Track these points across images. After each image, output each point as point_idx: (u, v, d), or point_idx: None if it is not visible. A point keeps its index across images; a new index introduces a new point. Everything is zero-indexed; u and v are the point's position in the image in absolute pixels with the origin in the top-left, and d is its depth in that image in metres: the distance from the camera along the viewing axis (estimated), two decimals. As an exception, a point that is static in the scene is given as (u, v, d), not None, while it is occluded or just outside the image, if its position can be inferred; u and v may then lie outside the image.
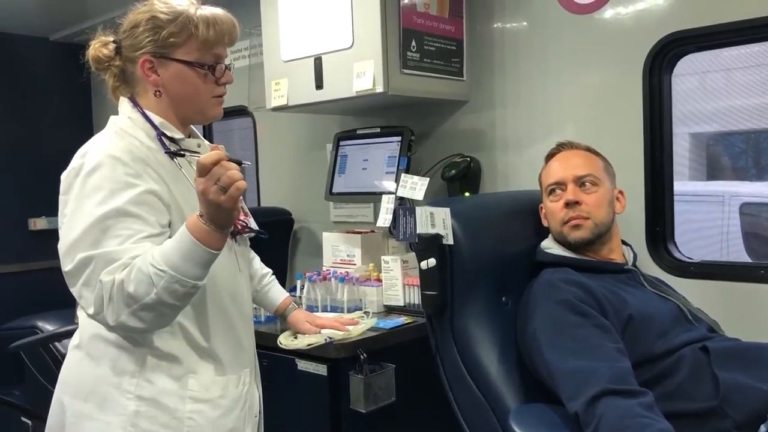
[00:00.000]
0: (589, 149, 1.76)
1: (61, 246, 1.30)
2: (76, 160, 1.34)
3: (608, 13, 2.02)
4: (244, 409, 1.50)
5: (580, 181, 1.68)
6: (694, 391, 1.42)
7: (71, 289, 1.30)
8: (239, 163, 1.22)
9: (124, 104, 1.44)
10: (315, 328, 1.79)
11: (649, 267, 1.88)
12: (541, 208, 1.77)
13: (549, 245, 1.71)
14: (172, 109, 1.42)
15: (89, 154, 1.33)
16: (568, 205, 1.66)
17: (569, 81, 2.11)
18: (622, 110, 1.99)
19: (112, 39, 1.44)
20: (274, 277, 1.82)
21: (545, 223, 1.75)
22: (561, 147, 1.77)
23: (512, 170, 2.27)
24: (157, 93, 1.40)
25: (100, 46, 1.43)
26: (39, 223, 3.76)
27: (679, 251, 1.96)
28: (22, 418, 3.07)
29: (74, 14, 3.58)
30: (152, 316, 1.25)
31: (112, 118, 1.44)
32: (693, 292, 1.74)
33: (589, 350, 1.40)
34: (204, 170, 1.18)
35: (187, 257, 1.22)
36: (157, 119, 1.41)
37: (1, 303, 3.53)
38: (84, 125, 4.02)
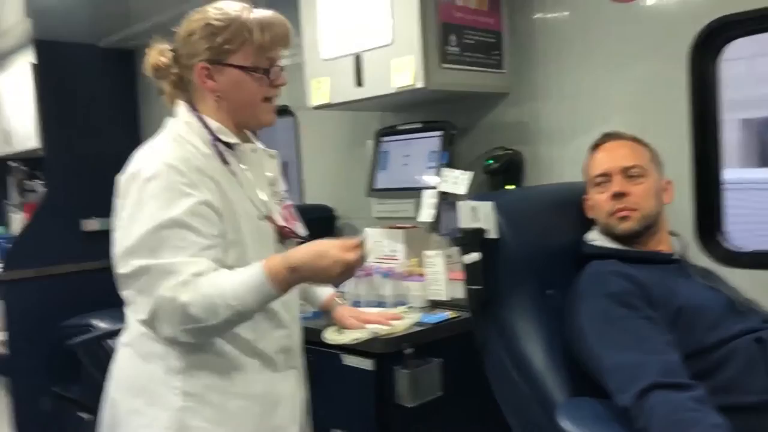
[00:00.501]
0: (635, 139, 1.72)
1: (117, 250, 1.34)
2: (134, 164, 1.38)
3: (651, 0, 1.98)
4: (290, 408, 1.52)
5: (627, 172, 1.65)
6: (748, 383, 1.38)
7: (123, 292, 1.35)
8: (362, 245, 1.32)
9: (181, 108, 1.47)
10: (360, 323, 1.81)
11: (698, 257, 1.85)
12: (586, 199, 1.74)
13: (594, 237, 1.69)
14: (230, 114, 1.45)
15: (146, 160, 1.37)
16: (615, 196, 1.63)
17: (613, 70, 2.08)
18: (667, 99, 1.95)
19: (169, 47, 1.46)
20: None
21: (590, 215, 1.73)
22: (607, 137, 1.73)
23: (555, 163, 2.24)
24: (218, 98, 1.43)
25: (158, 55, 1.46)
26: (91, 225, 3.85)
27: (730, 241, 1.91)
28: (78, 413, 3.17)
29: (121, 21, 3.68)
30: (203, 336, 1.34)
31: (171, 123, 1.47)
32: (745, 282, 1.70)
33: (637, 343, 1.38)
34: (348, 265, 1.29)
35: (260, 300, 1.30)
36: (214, 124, 1.44)
37: (58, 302, 3.64)
38: (131, 128, 4.13)
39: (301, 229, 1.57)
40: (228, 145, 1.44)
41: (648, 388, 1.28)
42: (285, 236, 1.50)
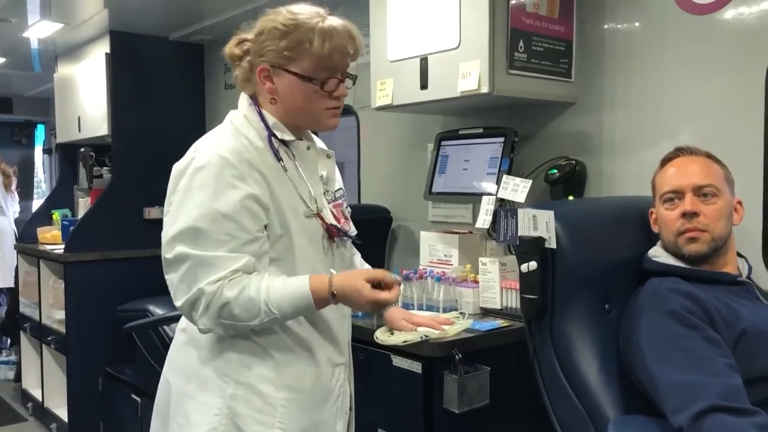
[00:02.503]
0: (709, 155, 1.64)
1: (164, 234, 1.39)
2: (189, 153, 1.42)
3: (729, 13, 1.92)
4: (337, 403, 1.54)
5: (700, 191, 1.58)
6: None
7: (166, 275, 1.39)
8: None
9: (243, 101, 1.50)
10: (411, 325, 1.80)
11: (766, 281, 1.78)
12: (651, 212, 1.70)
13: (657, 253, 1.65)
14: (286, 115, 1.47)
15: (201, 150, 1.41)
16: (685, 215, 1.57)
17: (684, 84, 2.02)
18: (741, 115, 1.89)
19: (246, 38, 1.48)
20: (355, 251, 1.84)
21: (655, 229, 1.68)
22: (680, 152, 1.66)
23: (619, 175, 2.20)
24: (272, 100, 1.46)
25: (234, 45, 1.49)
26: (153, 213, 3.97)
27: (800, 265, 1.84)
28: (132, 395, 3.26)
29: (192, 15, 3.78)
30: (235, 332, 1.40)
31: (231, 114, 1.51)
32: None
33: (696, 364, 1.34)
34: (378, 304, 1.42)
35: (298, 313, 1.40)
36: (271, 119, 1.46)
37: (118, 286, 3.77)
38: (197, 120, 4.24)
39: (351, 229, 1.58)
40: (283, 141, 1.47)
41: (706, 410, 1.25)
42: (333, 235, 1.51)
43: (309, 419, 1.48)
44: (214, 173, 1.35)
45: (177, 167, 1.43)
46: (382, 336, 1.86)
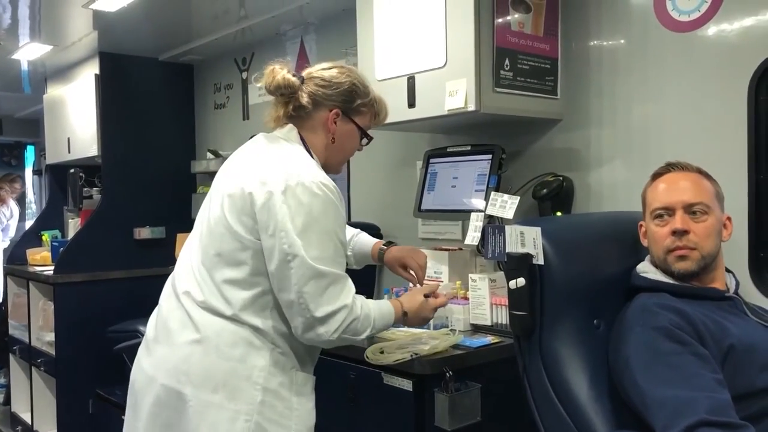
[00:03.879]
0: (700, 171, 1.64)
1: (302, 253, 1.52)
2: (279, 177, 1.54)
3: (712, 30, 1.95)
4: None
5: (690, 209, 1.57)
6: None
7: (304, 288, 1.51)
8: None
9: (293, 134, 1.69)
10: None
11: (753, 296, 1.79)
12: (641, 225, 1.69)
13: (645, 269, 1.65)
14: (329, 153, 1.71)
15: (299, 174, 1.56)
16: (675, 233, 1.57)
17: (669, 100, 2.05)
18: (725, 131, 1.91)
19: (311, 73, 1.71)
20: (358, 230, 2.04)
21: (645, 243, 1.68)
22: (671, 167, 1.65)
23: (606, 191, 2.21)
24: (332, 140, 1.70)
25: (289, 76, 1.66)
26: (143, 233, 3.95)
27: (787, 279, 1.85)
28: (123, 417, 3.22)
29: (181, 36, 3.80)
30: (341, 344, 1.60)
31: (288, 144, 1.67)
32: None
33: (685, 379, 1.35)
34: (437, 308, 1.80)
35: (383, 330, 1.71)
36: (314, 156, 1.68)
37: (108, 307, 3.74)
38: (187, 140, 4.25)
39: None
40: None
41: (695, 425, 1.25)
42: None
43: (311, 420, 1.65)
44: (329, 199, 1.59)
45: (264, 190, 1.55)
46: (373, 355, 1.87)
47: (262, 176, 1.55)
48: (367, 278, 2.79)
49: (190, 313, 1.58)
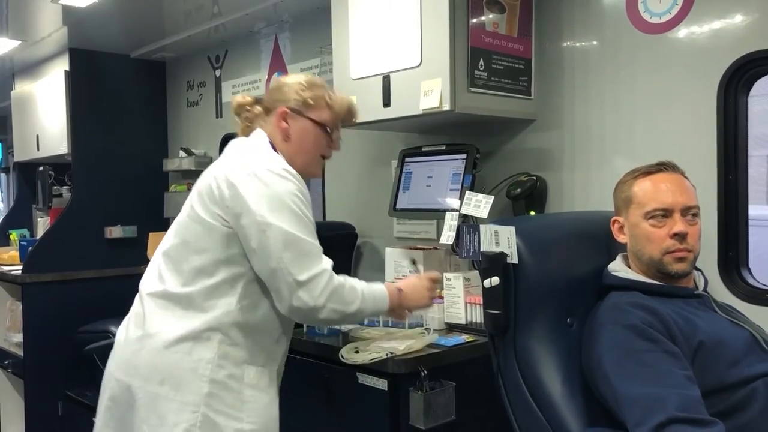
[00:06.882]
0: (683, 174, 1.65)
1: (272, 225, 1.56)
2: (245, 165, 1.62)
3: (682, 32, 1.98)
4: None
5: (688, 212, 1.59)
6: (766, 428, 1.36)
7: (284, 254, 1.54)
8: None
9: (261, 136, 1.74)
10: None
11: (721, 293, 1.82)
12: (615, 221, 1.69)
13: (617, 268, 1.67)
14: (292, 153, 1.72)
15: (265, 163, 1.63)
16: (677, 236, 1.56)
17: (641, 101, 2.07)
18: (695, 131, 1.94)
19: (251, 97, 1.82)
20: None
21: (621, 239, 1.67)
22: (663, 167, 1.64)
23: (579, 190, 2.24)
24: (285, 138, 1.72)
25: (241, 97, 1.83)
26: (114, 232, 3.90)
27: (754, 277, 1.88)
28: (93, 419, 3.18)
29: (153, 33, 3.75)
30: (332, 315, 1.61)
31: (250, 142, 1.74)
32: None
33: (656, 376, 1.37)
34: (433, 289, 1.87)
35: (375, 312, 1.75)
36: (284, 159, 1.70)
37: (78, 307, 3.68)
38: (159, 138, 4.19)
39: None
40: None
41: (665, 422, 1.27)
42: None
43: (268, 415, 1.65)
44: (294, 187, 1.62)
45: (233, 175, 1.61)
46: (348, 354, 1.86)
47: (228, 170, 1.62)
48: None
49: (145, 308, 1.64)
